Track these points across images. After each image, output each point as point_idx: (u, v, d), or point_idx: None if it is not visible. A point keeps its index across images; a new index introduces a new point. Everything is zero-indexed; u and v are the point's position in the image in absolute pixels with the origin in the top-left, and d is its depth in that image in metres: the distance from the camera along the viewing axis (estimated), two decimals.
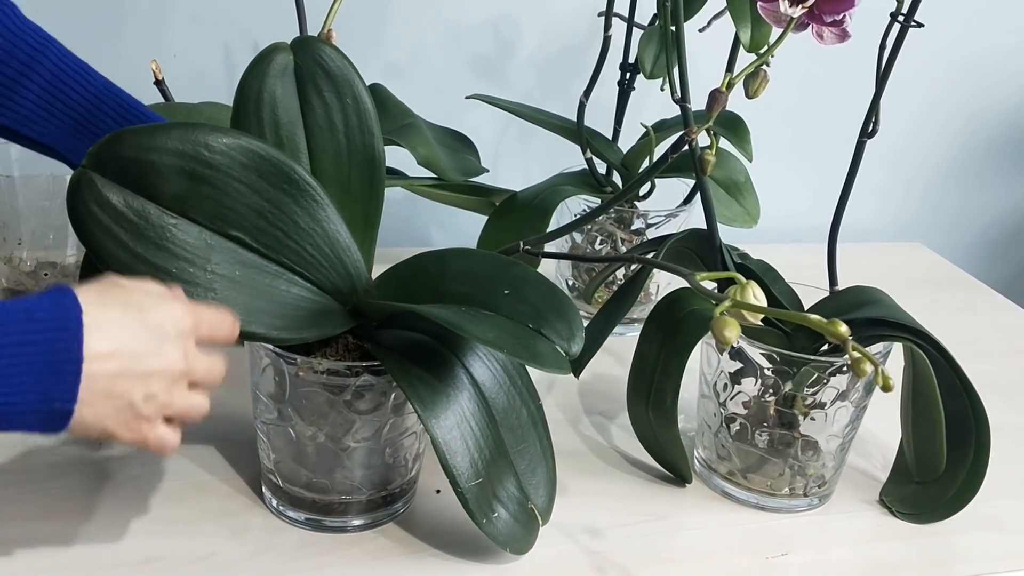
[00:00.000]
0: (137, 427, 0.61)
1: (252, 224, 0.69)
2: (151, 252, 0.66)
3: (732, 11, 0.93)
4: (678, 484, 0.89)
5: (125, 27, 1.16)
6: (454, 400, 0.71)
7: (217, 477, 0.82)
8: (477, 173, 1.14)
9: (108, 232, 0.66)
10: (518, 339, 0.66)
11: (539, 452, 0.77)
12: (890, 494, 0.89)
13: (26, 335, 0.56)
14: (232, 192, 0.68)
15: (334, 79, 0.75)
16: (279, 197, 0.70)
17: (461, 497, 0.71)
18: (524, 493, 0.75)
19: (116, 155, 0.66)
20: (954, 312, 1.29)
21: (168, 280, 0.65)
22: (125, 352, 0.58)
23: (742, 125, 1.08)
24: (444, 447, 0.70)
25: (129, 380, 0.59)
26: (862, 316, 0.84)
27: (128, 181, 0.66)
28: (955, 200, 1.59)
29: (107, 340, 0.58)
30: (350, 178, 0.76)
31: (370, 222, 0.77)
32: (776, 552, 0.82)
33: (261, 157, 0.69)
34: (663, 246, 0.88)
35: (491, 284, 0.70)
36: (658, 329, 0.85)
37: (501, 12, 1.28)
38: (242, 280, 0.69)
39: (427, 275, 0.73)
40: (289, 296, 0.71)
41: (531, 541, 0.76)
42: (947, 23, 1.35)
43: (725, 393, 0.86)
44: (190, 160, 0.67)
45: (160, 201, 0.67)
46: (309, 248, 0.71)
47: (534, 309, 0.68)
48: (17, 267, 1.06)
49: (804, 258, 0.99)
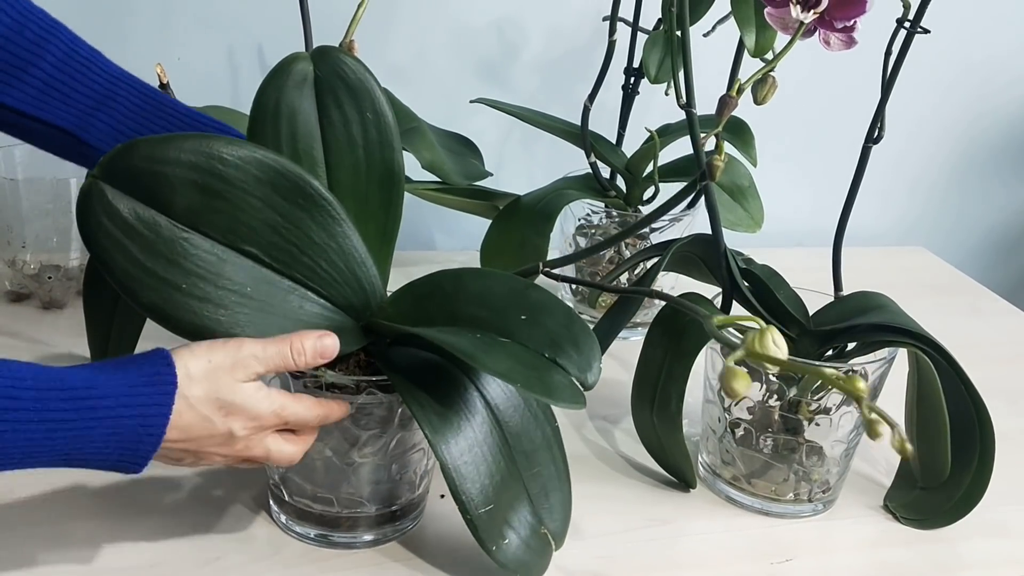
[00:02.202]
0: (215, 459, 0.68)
1: (266, 239, 0.68)
2: (161, 266, 0.65)
3: (737, 16, 0.93)
4: (682, 489, 0.89)
5: (130, 30, 1.16)
6: (466, 424, 0.69)
7: (224, 490, 0.82)
8: (481, 177, 1.14)
9: (118, 244, 0.65)
10: (532, 371, 0.64)
11: (554, 475, 0.75)
12: (894, 499, 0.89)
13: (123, 408, 0.61)
14: (246, 207, 0.67)
15: (354, 91, 0.74)
16: (294, 212, 0.68)
17: (471, 524, 0.69)
18: (537, 517, 0.73)
19: (128, 166, 0.65)
20: (957, 317, 1.29)
21: (178, 295, 0.65)
22: (191, 438, 0.64)
23: (747, 130, 1.08)
24: (454, 473, 0.68)
25: (189, 454, 0.66)
26: (867, 321, 0.84)
27: (139, 193, 0.65)
28: (958, 204, 1.59)
29: (179, 431, 0.63)
30: (367, 193, 0.75)
31: (387, 237, 0.76)
32: (780, 558, 0.82)
33: (276, 171, 0.68)
34: (668, 251, 0.88)
35: (507, 309, 0.69)
36: (663, 334, 0.85)
37: (505, 16, 1.28)
38: (254, 296, 0.68)
39: (443, 295, 0.72)
40: (302, 312, 0.70)
41: (543, 565, 0.74)
42: (949, 27, 1.35)
43: (730, 398, 0.86)
44: (203, 173, 0.65)
45: (172, 214, 0.66)
46: (323, 264, 0.70)
47: (550, 337, 0.66)
48: (21, 270, 1.06)
49: (807, 262, 0.98)
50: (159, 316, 0.66)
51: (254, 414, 0.65)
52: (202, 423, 0.64)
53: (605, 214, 1.14)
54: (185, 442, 0.64)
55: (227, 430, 0.65)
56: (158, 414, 0.62)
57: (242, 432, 0.65)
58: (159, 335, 1.04)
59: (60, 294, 1.07)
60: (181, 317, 0.66)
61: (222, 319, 0.66)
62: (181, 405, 0.62)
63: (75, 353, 0.98)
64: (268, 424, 0.67)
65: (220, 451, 0.66)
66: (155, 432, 0.62)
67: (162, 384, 0.62)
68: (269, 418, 0.66)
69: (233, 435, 0.65)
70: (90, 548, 0.74)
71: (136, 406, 0.61)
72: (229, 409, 0.64)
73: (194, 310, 0.66)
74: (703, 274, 0.91)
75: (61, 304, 1.07)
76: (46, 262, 1.07)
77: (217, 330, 0.66)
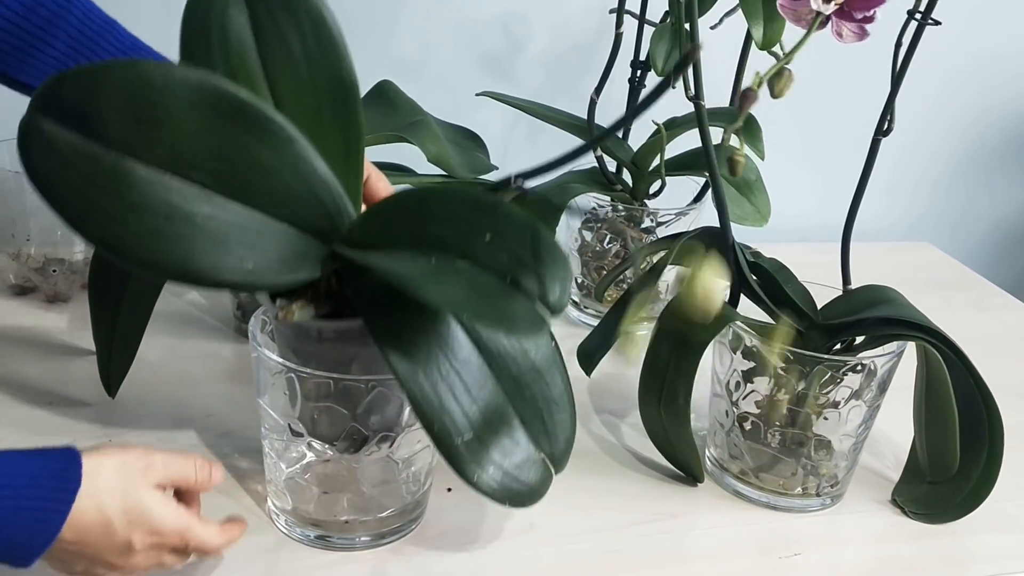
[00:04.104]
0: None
1: (212, 166, 0.62)
2: (106, 199, 0.60)
3: (744, 8, 0.93)
4: (690, 483, 0.88)
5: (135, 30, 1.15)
6: (439, 351, 0.65)
7: (223, 492, 0.81)
8: (487, 171, 1.13)
9: (60, 179, 0.60)
10: (485, 299, 0.58)
11: (552, 397, 0.71)
12: (903, 494, 0.89)
13: (22, 499, 0.58)
14: (183, 134, 0.61)
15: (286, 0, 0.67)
16: (237, 135, 0.62)
17: (448, 456, 0.65)
18: (533, 443, 0.69)
19: (60, 97, 0.60)
20: (963, 312, 1.29)
21: (127, 229, 0.60)
22: (87, 543, 0.62)
23: (755, 124, 1.08)
24: (424, 404, 0.64)
25: (82, 561, 0.63)
26: (876, 315, 0.84)
27: (75, 125, 0.60)
28: (963, 199, 1.59)
29: (75, 533, 0.61)
30: (320, 107, 0.69)
31: (351, 152, 0.70)
32: (788, 552, 0.82)
33: (212, 93, 0.61)
34: (676, 243, 0.87)
35: (471, 227, 0.62)
36: (670, 328, 0.85)
37: (511, 9, 1.28)
38: (204, 226, 0.61)
39: (408, 216, 0.66)
40: (262, 240, 0.64)
41: (537, 492, 0.69)
42: (956, 21, 1.35)
43: (738, 392, 0.86)
44: (136, 100, 0.60)
45: (110, 145, 0.60)
46: (278, 187, 0.64)
47: (515, 256, 0.60)
48: (25, 263, 1.06)
49: (813, 257, 0.98)
50: (110, 250, 0.61)
51: (157, 527, 0.64)
52: (102, 529, 0.61)
53: (611, 208, 1.13)
54: (79, 545, 0.61)
55: (126, 541, 0.63)
56: (56, 510, 0.60)
57: (139, 546, 0.63)
58: (162, 330, 1.04)
59: (64, 288, 1.06)
60: (132, 250, 0.60)
61: (175, 251, 0.61)
62: (85, 503, 0.60)
63: (79, 346, 0.98)
64: (168, 544, 0.65)
65: (115, 562, 0.63)
66: (51, 528, 0.59)
67: (66, 480, 0.60)
68: (171, 536, 0.64)
69: (131, 547, 0.63)
70: None
71: (36, 499, 0.59)
72: (133, 515, 0.62)
73: (144, 243, 0.60)
74: None
75: (66, 298, 1.07)
76: (50, 256, 1.06)
77: (170, 263, 0.61)
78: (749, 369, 0.84)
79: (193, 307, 1.09)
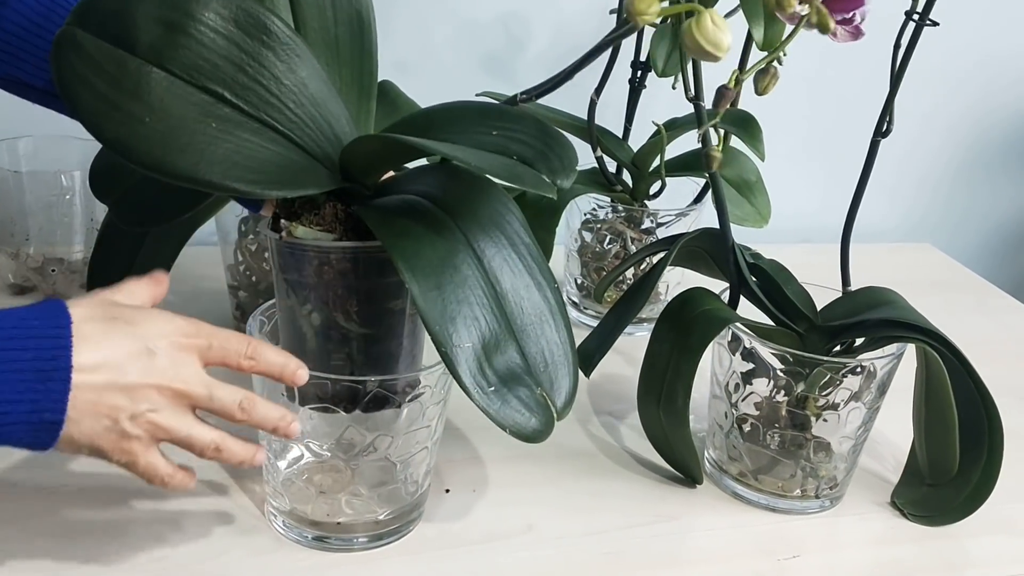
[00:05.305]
0: (127, 447, 0.60)
1: (231, 78, 0.65)
2: (125, 100, 0.63)
3: (745, 9, 0.93)
4: (689, 485, 0.88)
5: None
6: (449, 262, 0.65)
7: (221, 492, 0.81)
8: None
9: (84, 81, 0.63)
10: (506, 168, 0.62)
11: (556, 341, 0.69)
12: (902, 496, 0.88)
13: (17, 341, 0.57)
14: (208, 42, 0.65)
15: None
16: (258, 49, 0.66)
17: (446, 358, 0.63)
18: (535, 382, 0.67)
19: (96, 7, 0.64)
20: (964, 313, 1.29)
21: (142, 129, 0.63)
22: (111, 364, 0.59)
23: (755, 124, 1.08)
24: (437, 326, 0.63)
25: (115, 394, 0.59)
26: (876, 317, 0.84)
27: (107, 34, 0.64)
28: (964, 200, 1.59)
29: (94, 352, 0.58)
30: (337, 37, 0.72)
31: (365, 91, 0.73)
32: (787, 554, 0.81)
33: (238, 6, 0.66)
34: (675, 245, 0.87)
35: (479, 127, 0.66)
36: (670, 329, 0.85)
37: (511, 10, 1.28)
38: (218, 135, 0.64)
39: (415, 131, 0.68)
40: (269, 153, 0.66)
41: (539, 430, 0.66)
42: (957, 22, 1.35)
43: (737, 394, 0.85)
44: (167, 7, 0.64)
45: (137, 52, 0.64)
46: (292, 106, 0.67)
47: (525, 145, 0.64)
48: (24, 263, 1.06)
49: (813, 258, 0.98)
50: (123, 150, 0.63)
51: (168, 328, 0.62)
52: (120, 330, 0.59)
53: (611, 208, 1.13)
54: (107, 370, 0.58)
55: (144, 347, 0.60)
56: (57, 335, 0.57)
57: (163, 357, 0.60)
58: None
59: (64, 287, 1.06)
60: (145, 150, 0.62)
61: (186, 155, 0.63)
62: (82, 321, 0.59)
63: None
64: (193, 393, 0.62)
65: (145, 377, 0.59)
66: (60, 356, 0.57)
67: (55, 315, 0.59)
68: (197, 387, 0.62)
69: (153, 353, 0.60)
70: (93, 545, 0.74)
71: (30, 338, 0.57)
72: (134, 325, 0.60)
73: (156, 144, 0.63)
74: (710, 269, 0.90)
75: (65, 297, 1.06)
76: (49, 255, 1.06)
77: (179, 166, 0.63)
78: (748, 371, 0.84)
79: (192, 307, 1.08)
